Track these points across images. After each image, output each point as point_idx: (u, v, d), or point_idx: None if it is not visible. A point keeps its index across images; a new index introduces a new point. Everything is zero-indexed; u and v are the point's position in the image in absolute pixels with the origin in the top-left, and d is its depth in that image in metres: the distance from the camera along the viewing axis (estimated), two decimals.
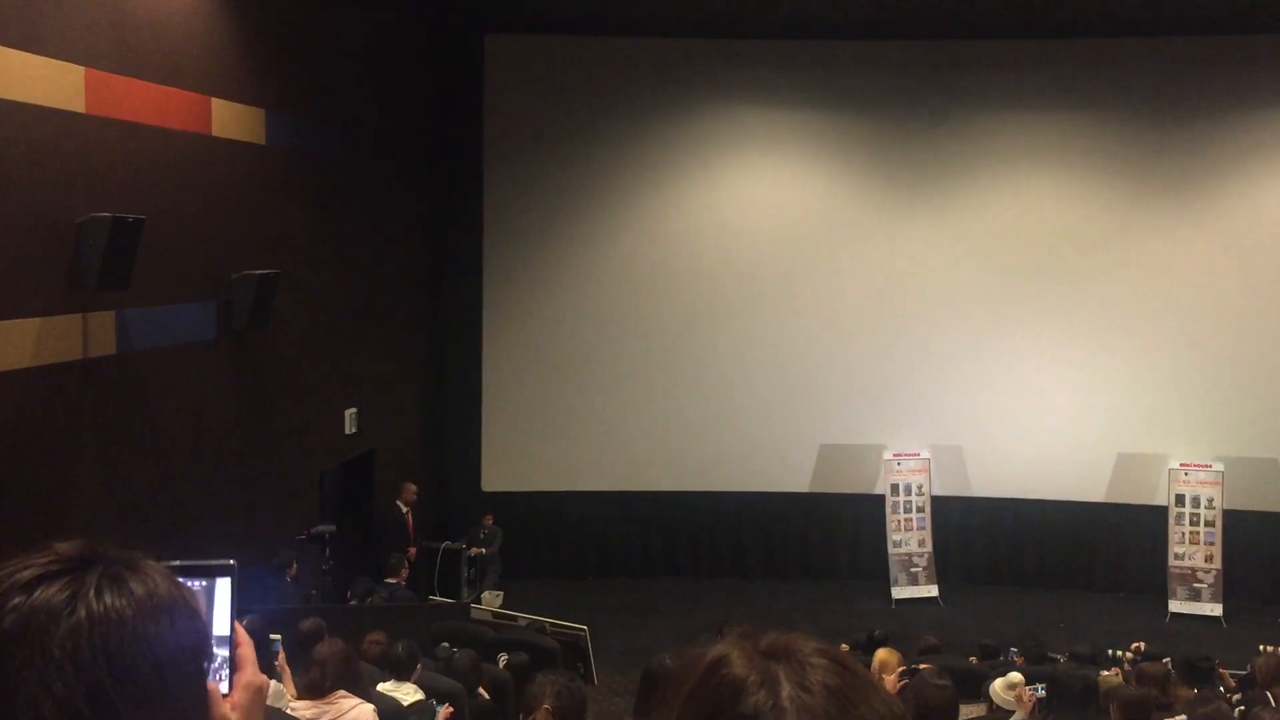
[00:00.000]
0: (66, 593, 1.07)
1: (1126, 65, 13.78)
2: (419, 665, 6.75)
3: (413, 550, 11.84)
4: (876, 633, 9.92)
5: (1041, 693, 6.17)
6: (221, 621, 1.38)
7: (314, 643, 5.94)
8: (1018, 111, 14.06)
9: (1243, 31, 13.36)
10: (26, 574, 1.08)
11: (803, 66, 14.18)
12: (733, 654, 1.11)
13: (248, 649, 1.39)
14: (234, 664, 1.37)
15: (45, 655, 1.03)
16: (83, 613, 1.06)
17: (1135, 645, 10.06)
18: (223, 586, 1.39)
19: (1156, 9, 13.09)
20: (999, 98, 14.05)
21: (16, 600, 1.06)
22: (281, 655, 6.11)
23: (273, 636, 6.34)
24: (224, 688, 1.36)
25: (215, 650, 1.35)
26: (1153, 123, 13.77)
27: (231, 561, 1.41)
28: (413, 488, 12.39)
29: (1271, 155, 13.53)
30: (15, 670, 1.03)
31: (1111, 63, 13.81)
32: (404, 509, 12.30)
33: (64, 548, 1.13)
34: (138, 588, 1.11)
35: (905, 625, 11.98)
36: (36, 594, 1.07)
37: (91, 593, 1.08)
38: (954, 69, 14.03)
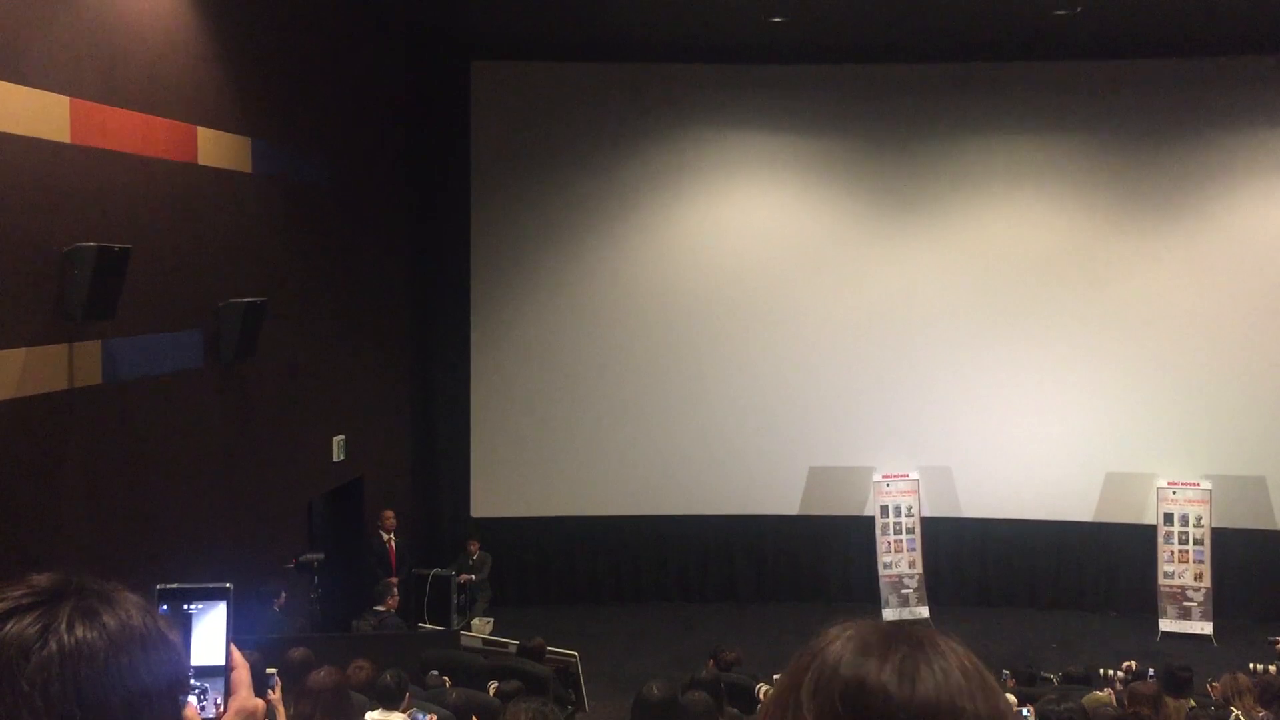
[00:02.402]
0: (38, 626, 1.07)
1: (1111, 87, 13.89)
2: (408, 694, 6.71)
3: (394, 579, 11.74)
4: None
5: (1029, 716, 6.16)
6: (217, 645, 1.37)
7: (303, 673, 5.90)
8: (1003, 134, 14.15)
9: (1226, 54, 13.48)
10: (0, 607, 1.09)
11: (788, 90, 14.25)
12: (851, 632, 1.10)
13: (243, 672, 1.38)
14: (228, 687, 1.36)
15: (15, 689, 1.03)
16: (54, 646, 1.06)
17: (1126, 665, 10.06)
18: (218, 610, 1.38)
19: (1140, 32, 13.19)
20: (985, 120, 14.15)
21: None
22: (278, 689, 6.06)
23: (269, 670, 6.29)
24: (212, 712, 1.35)
25: (197, 680, 1.34)
26: (1137, 145, 13.87)
27: (228, 585, 1.40)
28: (390, 514, 12.32)
29: (1256, 176, 13.63)
30: None
31: (1097, 85, 13.92)
32: (385, 536, 12.24)
33: (39, 580, 1.12)
34: (110, 620, 1.10)
35: None
36: (8, 627, 1.07)
37: (63, 626, 1.07)
38: (939, 92, 14.11)
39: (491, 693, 8.11)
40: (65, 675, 1.05)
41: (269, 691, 6.01)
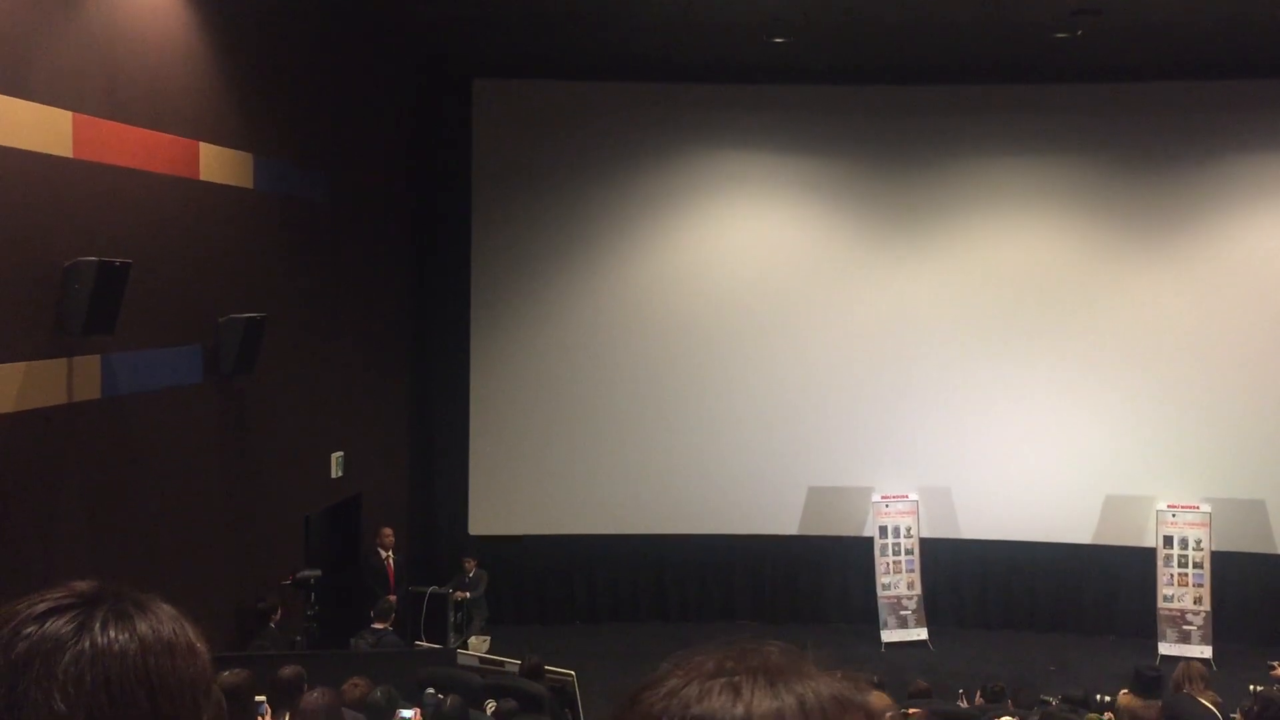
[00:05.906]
0: (74, 625, 1.19)
1: (1112, 110, 13.92)
2: (398, 711, 6.69)
3: (393, 597, 11.70)
4: (873, 678, 9.83)
5: None
6: None
7: (295, 692, 5.87)
8: (1004, 155, 14.18)
9: (1226, 78, 13.52)
10: (41, 606, 1.20)
11: (789, 111, 14.29)
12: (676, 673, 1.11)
13: None
14: None
15: (50, 678, 1.15)
16: (86, 644, 1.17)
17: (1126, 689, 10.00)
18: None
19: (1140, 55, 13.23)
20: (986, 142, 14.17)
21: (29, 629, 1.18)
22: (268, 715, 6.03)
23: (257, 699, 6.24)
24: None
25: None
26: (1138, 167, 13.89)
27: None
28: (389, 532, 12.28)
29: (1256, 200, 13.65)
30: (24, 690, 1.14)
31: (1098, 108, 13.94)
32: (383, 554, 12.20)
33: (80, 585, 1.25)
34: (141, 625, 1.21)
35: (895, 669, 11.91)
36: (47, 624, 1.19)
37: (97, 626, 1.19)
38: (940, 113, 14.15)
39: (489, 712, 8.07)
40: (97, 669, 1.16)
41: (258, 719, 5.97)
